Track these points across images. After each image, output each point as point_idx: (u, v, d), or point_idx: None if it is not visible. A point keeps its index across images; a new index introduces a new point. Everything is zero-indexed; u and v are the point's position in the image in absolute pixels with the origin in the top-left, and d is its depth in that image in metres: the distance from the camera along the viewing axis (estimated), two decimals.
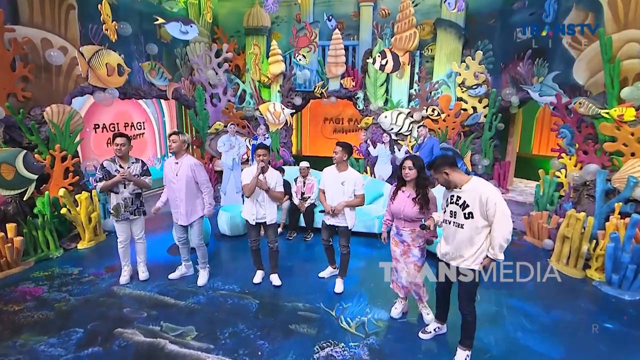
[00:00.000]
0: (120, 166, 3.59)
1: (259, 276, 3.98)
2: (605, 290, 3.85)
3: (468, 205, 2.43)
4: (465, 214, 2.45)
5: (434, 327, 3.00)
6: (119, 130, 6.81)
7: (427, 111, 7.12)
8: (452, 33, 7.06)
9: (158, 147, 8.41)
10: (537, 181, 5.74)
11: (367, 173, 7.33)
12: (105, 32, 5.39)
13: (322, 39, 7.95)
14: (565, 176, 5.46)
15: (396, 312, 3.26)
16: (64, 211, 4.50)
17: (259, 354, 2.80)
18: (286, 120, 8.06)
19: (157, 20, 5.47)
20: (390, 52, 6.46)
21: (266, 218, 3.69)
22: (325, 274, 4.08)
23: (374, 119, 7.63)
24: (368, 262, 4.47)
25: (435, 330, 2.98)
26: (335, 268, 4.05)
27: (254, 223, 3.70)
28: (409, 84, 7.46)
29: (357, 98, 7.80)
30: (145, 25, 6.28)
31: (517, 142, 8.11)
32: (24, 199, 4.41)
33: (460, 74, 6.89)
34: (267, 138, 7.14)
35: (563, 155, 5.55)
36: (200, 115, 7.88)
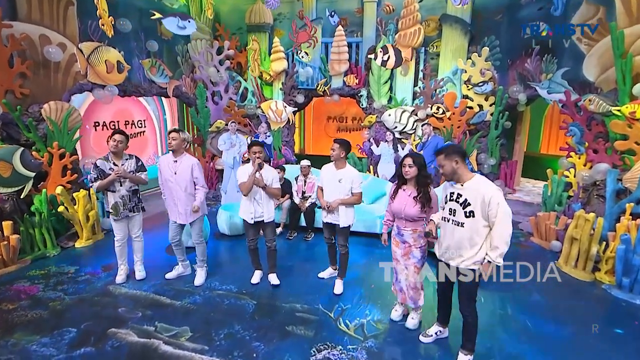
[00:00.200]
0: (114, 164, 3.56)
1: (257, 276, 3.94)
2: (616, 294, 3.74)
3: (469, 204, 2.36)
4: (466, 213, 2.38)
5: (435, 330, 2.93)
6: (119, 128, 6.78)
7: (431, 109, 7.04)
8: (457, 29, 6.97)
9: (159, 146, 8.41)
10: (545, 181, 5.63)
11: (370, 172, 7.26)
12: (102, 27, 5.38)
13: (325, 35, 7.92)
14: (574, 176, 5.35)
15: (396, 314, 3.20)
16: (61, 209, 4.50)
17: (254, 355, 2.75)
18: (288, 119, 8.04)
19: (154, 15, 5.45)
20: (392, 48, 6.39)
21: (264, 216, 3.66)
22: (325, 274, 4.03)
23: (377, 117, 7.56)
24: (369, 262, 4.40)
25: (436, 333, 2.91)
26: (335, 269, 3.99)
27: (252, 222, 3.65)
28: (413, 82, 7.39)
29: (361, 96, 7.74)
30: (145, 21, 6.27)
31: (525, 141, 8.00)
32: (21, 196, 4.41)
33: (466, 71, 6.80)
34: (269, 136, 7.10)
35: (572, 154, 5.44)
36: (202, 113, 7.88)
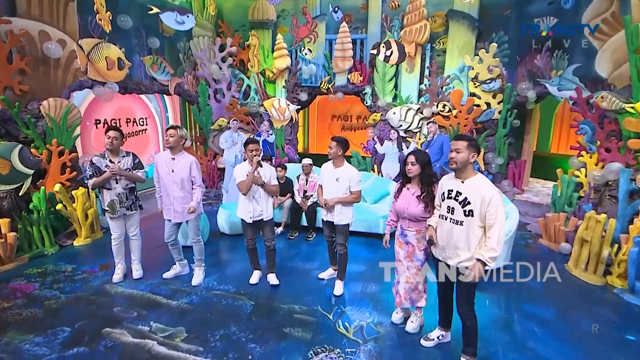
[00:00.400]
0: (110, 161, 3.54)
1: (255, 276, 3.91)
2: (628, 299, 3.64)
3: (469, 203, 2.33)
4: (465, 211, 2.35)
5: (437, 334, 2.86)
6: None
7: (437, 107, 6.94)
8: (464, 25, 6.86)
9: (161, 144, 8.43)
10: (555, 181, 5.52)
11: (374, 171, 7.19)
12: (99, 22, 5.38)
13: (329, 32, 7.86)
14: (585, 175, 5.24)
15: (397, 317, 3.13)
16: (59, 207, 4.51)
17: (249, 358, 2.71)
18: (291, 117, 8.00)
19: (152, 10, 5.44)
20: (395, 43, 6.31)
21: (263, 215, 3.64)
22: (325, 275, 3.98)
23: (382, 115, 7.48)
24: (371, 263, 4.34)
25: (438, 338, 2.84)
26: (336, 269, 3.94)
27: (251, 221, 3.62)
28: (418, 79, 7.28)
29: (365, 94, 7.66)
30: (146, 18, 6.27)
31: (534, 140, 7.86)
32: (20, 194, 4.42)
33: (473, 68, 6.69)
34: (271, 135, 7.07)
35: (583, 153, 5.33)
36: (204, 111, 7.87)
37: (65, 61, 5.06)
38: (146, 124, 7.94)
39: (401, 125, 7.14)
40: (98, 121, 6.71)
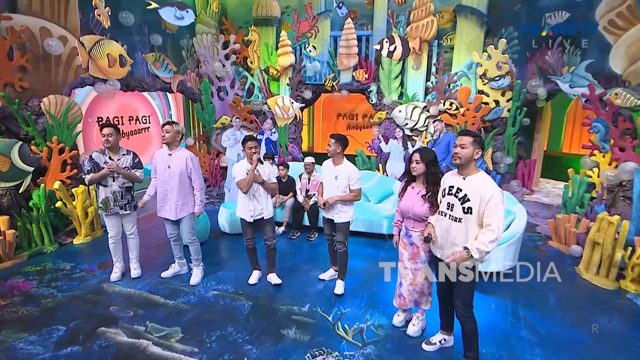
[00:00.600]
0: (109, 158, 3.54)
1: (255, 276, 3.87)
2: None
3: (469, 200, 2.28)
4: (464, 208, 2.30)
5: (439, 338, 2.79)
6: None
7: (444, 105, 6.84)
8: (473, 20, 6.75)
9: None
10: (566, 182, 5.39)
11: (379, 171, 7.12)
12: (98, 17, 5.39)
13: (334, 29, 7.81)
14: (598, 175, 5.12)
15: (399, 319, 3.07)
16: (59, 205, 4.52)
17: (245, 359, 2.67)
18: (295, 115, 7.97)
19: (150, 5, 5.43)
20: (399, 37, 6.22)
21: (264, 213, 3.61)
22: (326, 276, 3.93)
23: (387, 113, 7.41)
24: (373, 264, 4.27)
25: (440, 342, 2.77)
26: (337, 270, 3.89)
27: (251, 220, 3.59)
28: (425, 76, 7.19)
29: (370, 91, 7.59)
30: (149, 15, 6.28)
31: (545, 139, 7.72)
32: (20, 191, 4.45)
33: (481, 65, 6.58)
34: (274, 133, 7.03)
35: (596, 152, 5.20)
36: (207, 109, 7.87)
37: (66, 58, 5.08)
38: (149, 122, 7.97)
39: (407, 124, 7.05)
40: (100, 119, 6.75)
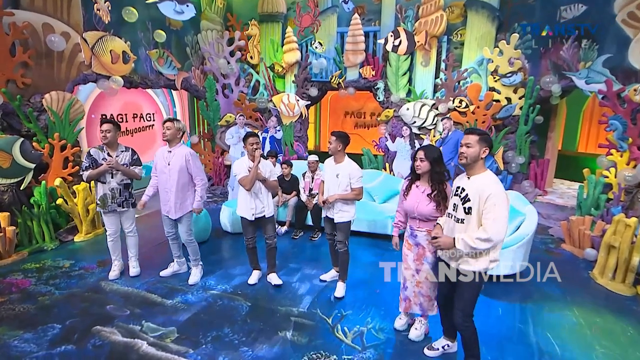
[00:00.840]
0: (108, 154, 3.55)
1: (254, 277, 3.85)
2: None
3: (469, 200, 2.21)
4: (465, 209, 2.23)
5: (442, 344, 2.71)
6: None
7: (453, 102, 6.72)
8: (484, 15, 6.62)
9: None
10: (581, 182, 5.24)
11: (385, 170, 7.03)
12: (97, 12, 5.41)
13: (340, 25, 7.75)
14: (615, 176, 4.95)
15: (400, 323, 3.00)
16: (59, 202, 4.56)
17: None
18: (301, 113, 7.93)
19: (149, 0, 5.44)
20: (404, 32, 6.13)
21: (265, 211, 3.58)
22: (327, 277, 3.89)
23: (395, 111, 7.31)
24: (376, 265, 4.19)
25: (443, 347, 2.70)
26: (338, 271, 3.84)
27: (252, 218, 3.57)
28: (434, 73, 7.08)
29: (377, 89, 7.51)
30: (153, 11, 6.30)
31: (559, 138, 7.53)
32: (21, 188, 4.50)
33: (492, 61, 6.44)
34: (279, 131, 7.00)
35: (613, 151, 5.05)
36: (211, 106, 7.88)
37: (69, 54, 5.13)
38: (153, 120, 8.01)
39: (415, 122, 6.95)
40: (104, 116, 6.79)
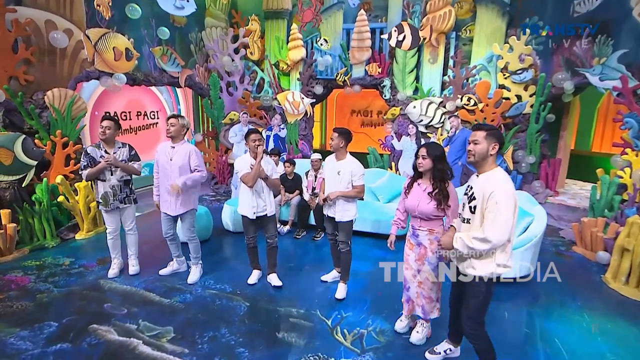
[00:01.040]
0: (105, 151, 3.55)
1: (254, 276, 3.83)
2: None
3: (475, 198, 2.13)
4: (470, 208, 2.16)
5: (444, 348, 2.65)
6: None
7: (461, 100, 6.62)
8: (494, 10, 6.51)
9: None
10: (595, 183, 5.11)
11: (391, 169, 6.96)
12: (97, 7, 5.43)
13: (346, 21, 7.70)
14: (630, 176, 4.81)
15: (401, 325, 2.95)
16: (61, 199, 4.59)
17: None
18: (306, 111, 7.89)
19: None
20: (408, 26, 6.05)
21: (267, 210, 3.56)
22: (328, 277, 3.85)
23: (401, 109, 7.24)
24: (379, 266, 4.12)
25: (445, 352, 2.63)
26: (340, 271, 3.80)
27: (254, 217, 3.54)
28: (442, 70, 6.99)
29: (384, 86, 7.43)
30: (157, 8, 6.32)
31: (572, 137, 7.37)
32: (23, 185, 4.54)
33: (502, 57, 6.33)
34: (283, 129, 6.99)
35: (628, 150, 4.91)
36: (215, 104, 7.89)
37: (71, 51, 5.16)
38: (157, 118, 8.06)
39: (422, 120, 6.87)
40: (108, 113, 6.85)
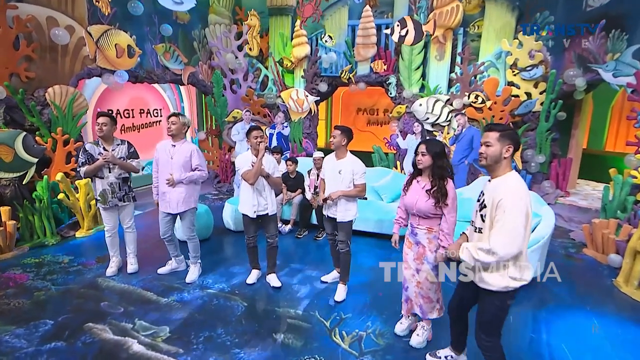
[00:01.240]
0: (104, 148, 3.56)
1: (253, 276, 3.81)
2: None
3: (485, 206, 2.00)
4: (482, 216, 2.02)
5: (446, 354, 2.59)
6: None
7: (469, 98, 6.54)
8: (503, 5, 6.42)
9: None
10: (608, 183, 5.00)
11: (396, 168, 6.90)
12: (97, 4, 5.46)
13: (352, 17, 7.66)
14: None
15: (401, 328, 2.91)
16: (61, 197, 4.62)
17: None
18: (310, 109, 7.87)
19: None
20: (411, 20, 5.98)
21: (268, 209, 3.55)
22: (328, 278, 3.81)
23: (407, 107, 7.17)
24: (381, 267, 4.08)
25: (447, 358, 2.57)
26: (340, 272, 3.76)
27: (254, 216, 3.53)
28: (449, 67, 6.91)
29: (389, 84, 7.38)
30: (159, 4, 6.35)
31: (584, 135, 7.23)
32: (23, 182, 4.58)
33: (511, 54, 6.23)
34: (286, 127, 6.97)
35: None
36: (218, 102, 7.89)
37: (73, 48, 5.21)
38: (161, 116, 8.09)
39: (428, 118, 6.80)
40: (110, 111, 6.90)
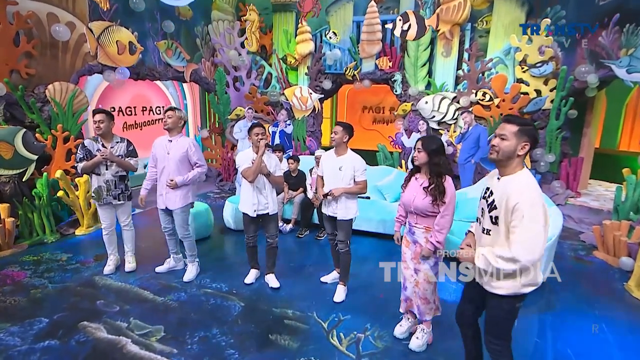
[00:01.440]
0: (102, 145, 3.57)
1: (252, 276, 3.80)
2: None
3: (496, 207, 1.88)
4: (491, 218, 1.91)
5: None
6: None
7: (476, 95, 6.45)
8: (512, 0, 6.32)
9: None
10: (621, 184, 4.89)
11: (401, 167, 6.84)
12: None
13: (357, 14, 7.61)
14: None
15: (401, 330, 2.86)
16: (60, 194, 4.65)
17: None
18: (314, 107, 7.84)
19: None
20: (414, 15, 5.91)
21: (269, 208, 3.53)
22: (328, 278, 3.78)
23: (413, 105, 7.10)
24: (382, 268, 4.04)
25: None
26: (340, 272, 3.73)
27: (255, 215, 3.51)
28: (456, 64, 6.82)
29: (394, 81, 7.31)
30: (160, 0, 6.37)
31: (597, 134, 7.09)
32: (23, 179, 4.62)
33: (520, 50, 6.12)
34: (289, 125, 6.95)
35: None
36: (221, 99, 7.91)
37: (74, 45, 5.24)
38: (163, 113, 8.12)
39: (434, 116, 6.73)
40: (112, 109, 6.94)
